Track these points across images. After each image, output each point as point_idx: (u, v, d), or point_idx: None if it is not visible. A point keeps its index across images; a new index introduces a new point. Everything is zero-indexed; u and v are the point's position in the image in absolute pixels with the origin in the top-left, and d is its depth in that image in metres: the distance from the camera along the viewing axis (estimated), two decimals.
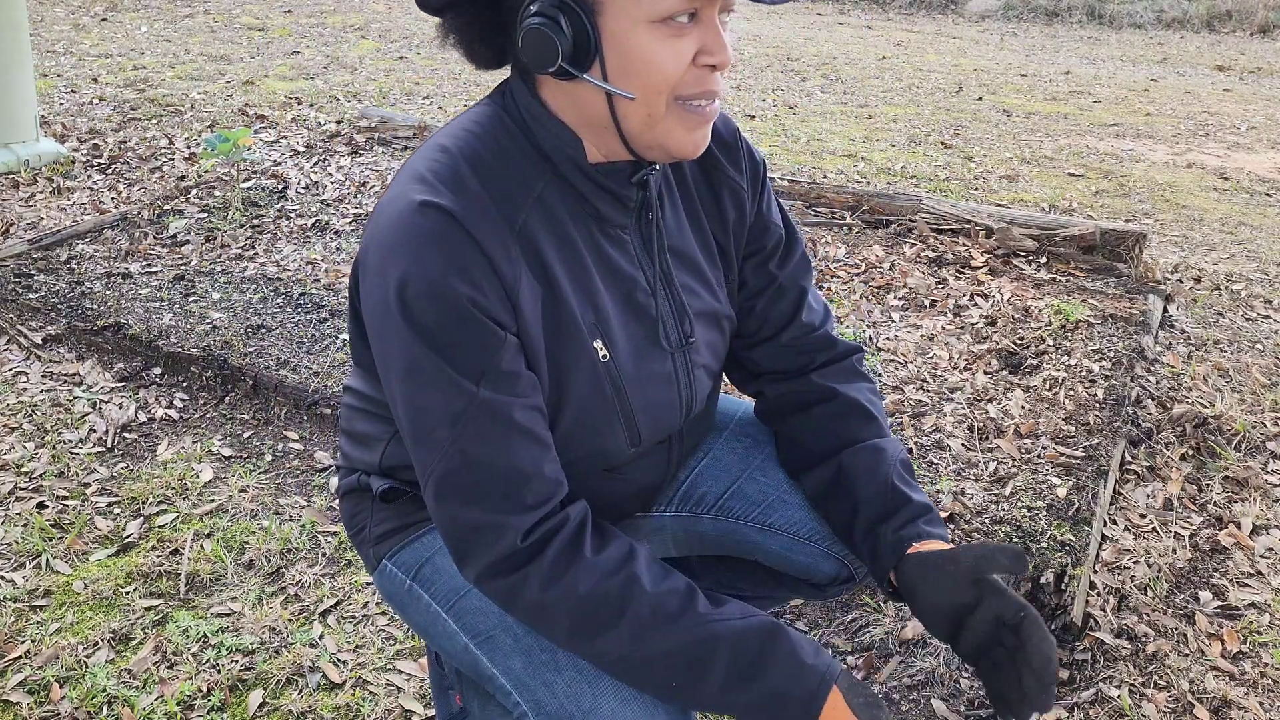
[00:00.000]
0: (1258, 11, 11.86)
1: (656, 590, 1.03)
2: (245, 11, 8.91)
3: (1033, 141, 5.79)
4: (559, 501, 1.04)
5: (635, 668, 1.02)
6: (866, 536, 1.20)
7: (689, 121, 1.02)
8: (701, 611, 1.03)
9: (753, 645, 1.02)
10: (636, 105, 1.00)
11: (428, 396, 1.01)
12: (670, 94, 1.00)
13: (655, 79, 0.98)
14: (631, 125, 1.02)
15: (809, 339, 1.30)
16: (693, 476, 1.38)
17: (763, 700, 1.02)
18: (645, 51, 0.97)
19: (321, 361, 2.75)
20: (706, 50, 0.99)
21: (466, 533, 1.02)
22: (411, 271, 0.98)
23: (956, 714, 1.71)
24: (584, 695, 1.05)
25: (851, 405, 1.29)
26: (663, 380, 1.17)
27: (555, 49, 0.98)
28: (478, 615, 1.15)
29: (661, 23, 0.96)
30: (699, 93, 1.01)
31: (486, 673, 1.14)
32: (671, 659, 1.01)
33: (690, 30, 0.98)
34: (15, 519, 2.13)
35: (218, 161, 4.17)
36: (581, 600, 1.01)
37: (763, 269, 1.28)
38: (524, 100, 1.07)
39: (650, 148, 1.04)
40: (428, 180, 1.02)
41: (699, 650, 1.01)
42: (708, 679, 1.01)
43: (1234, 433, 2.54)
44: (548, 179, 1.07)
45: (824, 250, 3.62)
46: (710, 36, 0.99)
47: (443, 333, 0.99)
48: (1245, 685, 1.80)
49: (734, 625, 1.03)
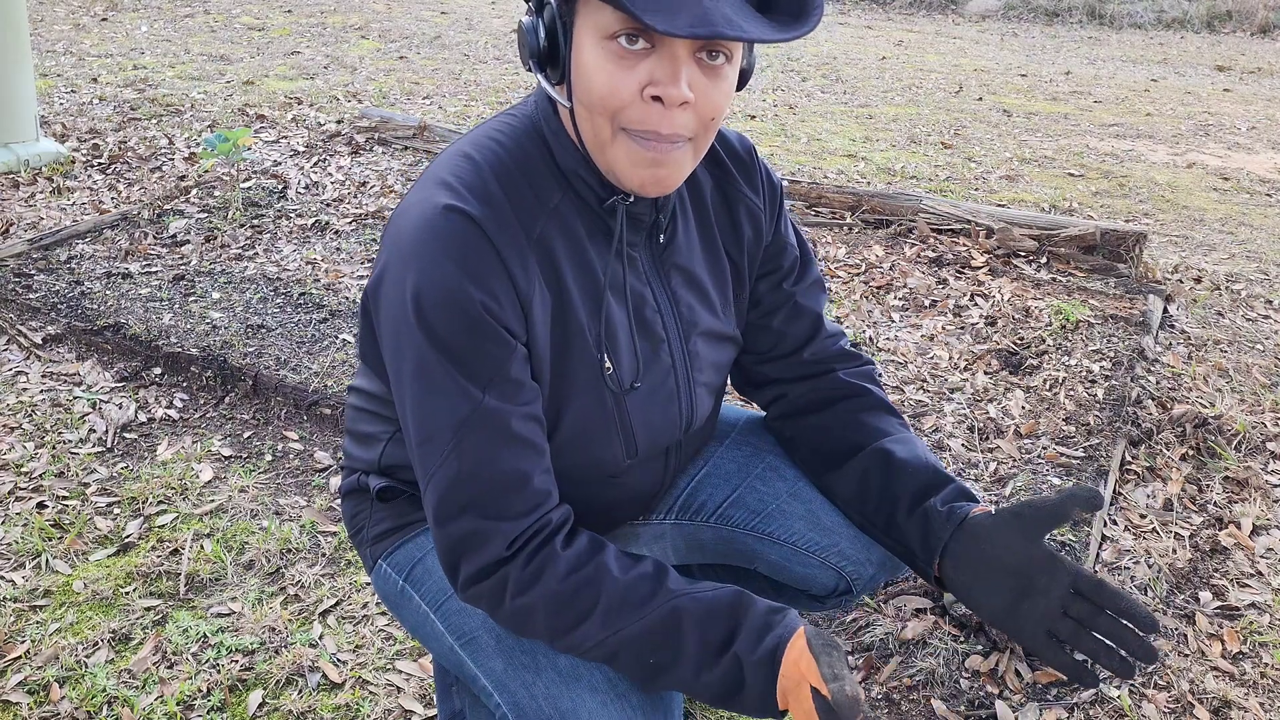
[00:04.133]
0: (1258, 11, 11.86)
1: (626, 576, 1.03)
2: (245, 11, 8.91)
3: (1033, 142, 5.79)
4: (546, 509, 1.05)
5: (615, 653, 1.03)
6: (912, 516, 1.17)
7: (635, 155, 0.98)
8: (671, 588, 1.04)
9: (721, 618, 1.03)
10: (583, 122, 1.00)
11: (435, 400, 1.01)
12: (612, 117, 0.97)
13: (592, 96, 0.96)
14: (587, 144, 1.02)
15: (828, 352, 1.32)
16: (693, 485, 1.39)
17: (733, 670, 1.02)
18: (588, 66, 0.96)
19: (321, 361, 2.75)
20: (655, 82, 0.94)
21: (456, 542, 1.03)
22: (430, 276, 0.99)
23: (957, 714, 1.71)
24: (562, 697, 1.06)
25: (880, 402, 1.30)
26: (664, 397, 1.18)
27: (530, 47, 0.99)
28: (462, 616, 1.16)
29: (610, 40, 0.94)
30: (641, 127, 0.96)
31: (470, 673, 1.15)
32: (646, 639, 1.02)
33: (642, 58, 0.94)
34: (15, 519, 2.13)
35: (218, 161, 4.17)
36: (556, 595, 1.02)
37: (778, 288, 1.28)
38: (544, 111, 1.08)
39: (608, 174, 1.03)
40: (452, 186, 1.02)
41: (670, 627, 1.02)
42: (682, 655, 1.02)
43: (1234, 433, 2.54)
44: (565, 191, 1.08)
45: (824, 250, 3.62)
46: (661, 70, 0.94)
47: (455, 339, 0.99)
48: (1245, 685, 1.80)
49: (701, 599, 1.03)
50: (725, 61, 0.97)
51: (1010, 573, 1.07)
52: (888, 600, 1.96)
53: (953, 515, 1.13)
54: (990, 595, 1.08)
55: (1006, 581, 1.07)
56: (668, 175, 1.01)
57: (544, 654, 1.09)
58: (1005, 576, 1.07)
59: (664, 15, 0.88)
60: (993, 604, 1.08)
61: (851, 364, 1.33)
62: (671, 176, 1.01)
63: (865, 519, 1.27)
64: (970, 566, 1.10)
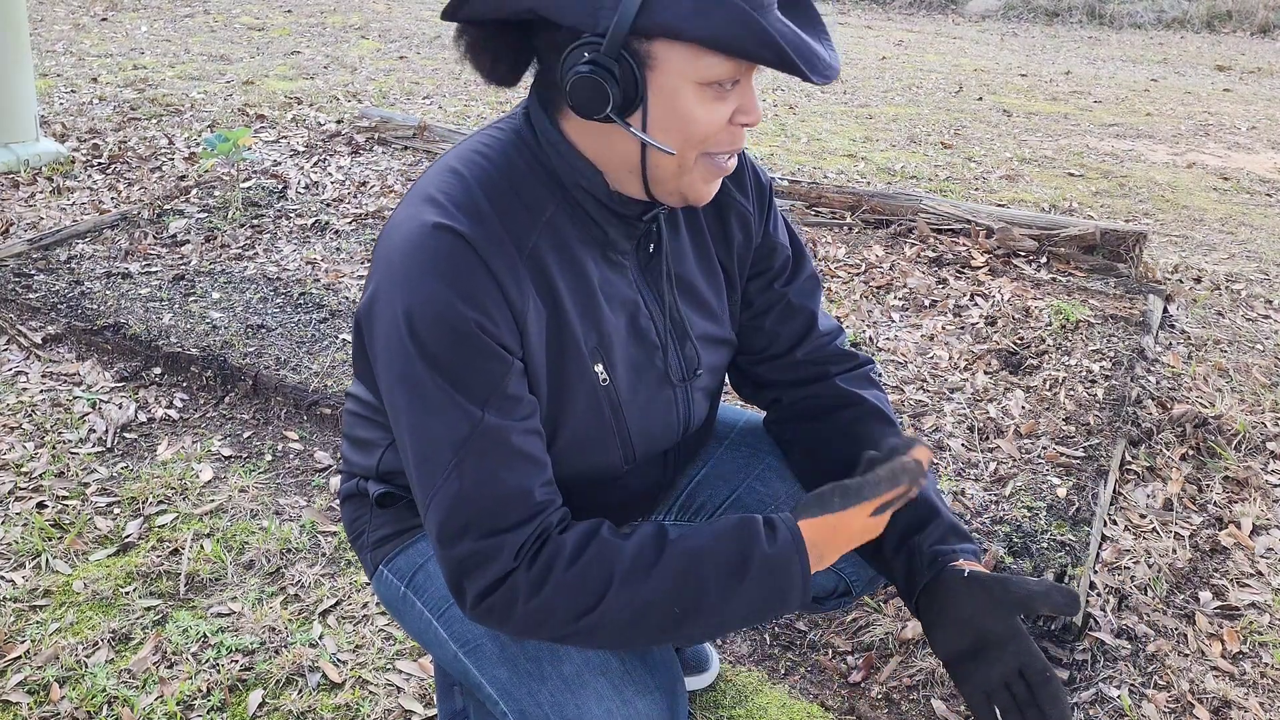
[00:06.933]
0: (1258, 11, 11.85)
1: (629, 543, 1.04)
2: (245, 11, 8.91)
3: (1033, 141, 5.79)
4: (546, 515, 1.04)
5: (642, 615, 1.02)
6: (899, 548, 1.18)
7: (710, 174, 1.06)
8: (675, 539, 1.05)
9: (728, 538, 1.05)
10: (670, 158, 1.03)
11: (432, 420, 1.01)
12: (703, 149, 1.03)
13: (695, 136, 1.02)
14: (659, 174, 1.05)
15: (823, 352, 1.31)
16: (693, 485, 1.39)
17: (760, 580, 1.03)
18: (691, 111, 1.00)
19: (321, 361, 2.75)
20: (743, 110, 1.03)
21: (460, 563, 1.02)
22: (422, 296, 0.98)
23: (956, 714, 1.71)
24: (567, 705, 1.05)
25: (874, 411, 1.29)
26: (661, 404, 1.18)
27: (606, 98, 0.99)
28: (466, 623, 1.15)
29: (708, 85, 0.99)
30: (729, 149, 1.05)
31: (475, 681, 1.14)
32: (668, 590, 1.02)
33: (731, 93, 1.01)
34: (15, 519, 2.13)
35: (218, 161, 4.17)
36: (568, 583, 1.01)
37: (769, 288, 1.28)
38: (542, 127, 1.08)
39: (670, 194, 1.07)
40: (440, 202, 1.02)
41: (687, 570, 1.02)
42: (706, 589, 1.03)
43: (1234, 433, 2.54)
44: (558, 202, 1.08)
45: (824, 250, 3.62)
46: (747, 98, 1.03)
47: (450, 358, 0.99)
48: (1245, 685, 1.80)
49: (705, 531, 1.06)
50: None
51: (972, 631, 1.10)
52: (888, 600, 1.96)
53: (935, 562, 1.15)
54: (947, 643, 1.11)
55: (966, 637, 1.10)
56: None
57: (549, 661, 1.08)
58: (966, 632, 1.10)
59: (813, 68, 0.98)
60: (948, 651, 1.11)
61: (848, 365, 1.32)
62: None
63: None
64: (937, 610, 1.13)
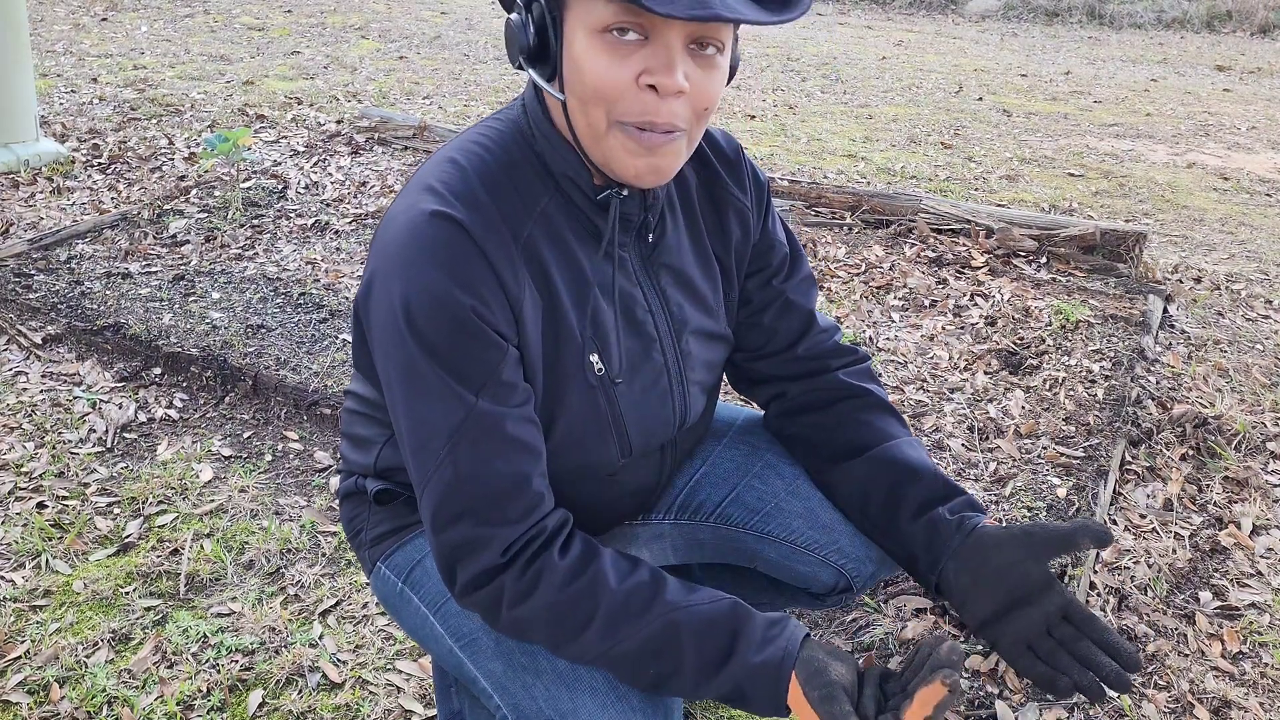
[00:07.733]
0: (1258, 11, 11.86)
1: (622, 586, 1.03)
2: (245, 11, 8.91)
3: (1033, 141, 5.79)
4: (542, 514, 1.05)
5: (615, 663, 1.03)
6: (917, 521, 1.18)
7: (630, 146, 0.99)
8: (669, 600, 1.03)
9: (719, 632, 1.02)
10: (577, 115, 1.00)
11: (428, 407, 1.01)
12: (606, 109, 0.98)
13: (587, 89, 0.97)
14: (581, 138, 1.02)
15: (823, 348, 1.32)
16: (692, 484, 1.39)
17: (735, 684, 1.02)
18: (582, 59, 0.96)
19: (321, 361, 2.75)
20: (649, 70, 0.95)
21: (452, 549, 1.03)
22: (418, 282, 0.99)
23: (957, 714, 1.71)
24: (562, 699, 1.06)
25: (880, 403, 1.30)
26: (657, 396, 1.18)
27: (520, 44, 0.99)
28: (462, 618, 1.16)
29: (604, 33, 0.95)
30: (639, 118, 0.97)
31: (470, 675, 1.15)
32: (644, 651, 1.02)
33: (637, 49, 0.95)
34: (15, 519, 2.13)
35: (218, 161, 4.17)
36: (553, 606, 1.02)
37: (768, 285, 1.29)
38: (534, 113, 1.08)
39: (604, 167, 1.03)
40: (438, 191, 1.02)
41: (668, 640, 1.02)
42: (682, 667, 1.02)
43: (1234, 433, 2.54)
44: (552, 193, 1.08)
45: (824, 250, 3.62)
46: (658, 58, 0.95)
47: (446, 344, 1.00)
48: (1245, 685, 1.80)
49: (698, 613, 1.03)
50: (717, 52, 0.99)
51: (1007, 585, 1.09)
52: (888, 600, 1.96)
53: (963, 525, 1.15)
54: (982, 602, 1.10)
55: (1001, 592, 1.09)
56: (663, 164, 1.01)
57: (544, 656, 1.09)
58: (1001, 588, 1.09)
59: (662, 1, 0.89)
60: (983, 611, 1.10)
61: (848, 359, 1.33)
62: (667, 166, 1.02)
63: (866, 520, 1.27)
64: (971, 573, 1.12)
